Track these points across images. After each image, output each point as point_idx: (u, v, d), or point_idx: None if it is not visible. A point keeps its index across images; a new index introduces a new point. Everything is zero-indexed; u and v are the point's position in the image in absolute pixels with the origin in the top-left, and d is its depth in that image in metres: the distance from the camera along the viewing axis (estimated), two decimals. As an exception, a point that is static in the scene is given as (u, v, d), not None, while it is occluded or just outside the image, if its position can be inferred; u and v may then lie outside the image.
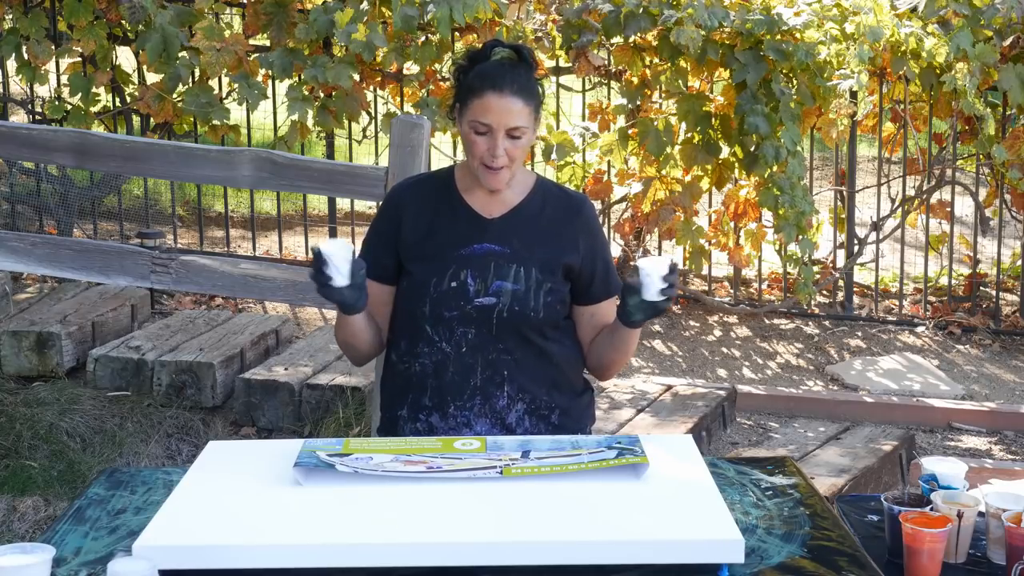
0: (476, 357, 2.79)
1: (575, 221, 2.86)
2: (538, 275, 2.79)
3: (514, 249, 2.80)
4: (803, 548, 2.32)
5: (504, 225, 2.83)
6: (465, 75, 2.80)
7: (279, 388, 5.02)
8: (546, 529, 2.25)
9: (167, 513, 2.32)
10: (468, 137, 2.76)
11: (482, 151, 2.74)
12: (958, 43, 5.81)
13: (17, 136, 4.89)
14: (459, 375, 2.80)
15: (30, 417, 4.85)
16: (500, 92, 2.72)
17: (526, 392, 2.82)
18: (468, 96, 2.75)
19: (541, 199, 2.86)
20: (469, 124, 2.75)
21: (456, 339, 2.79)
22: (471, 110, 2.74)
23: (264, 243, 7.42)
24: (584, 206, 2.89)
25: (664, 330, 6.45)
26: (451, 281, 2.78)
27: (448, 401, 2.81)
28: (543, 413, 2.84)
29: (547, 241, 2.83)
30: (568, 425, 2.88)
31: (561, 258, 2.82)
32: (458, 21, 5.65)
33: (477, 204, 2.84)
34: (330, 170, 4.63)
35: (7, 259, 4.79)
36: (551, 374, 2.85)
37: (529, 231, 2.83)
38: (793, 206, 5.80)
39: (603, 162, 6.47)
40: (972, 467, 3.52)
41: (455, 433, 2.81)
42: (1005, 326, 6.60)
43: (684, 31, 5.69)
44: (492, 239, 2.81)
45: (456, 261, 2.79)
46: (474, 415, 2.81)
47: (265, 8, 6.00)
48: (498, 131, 2.72)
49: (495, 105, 2.72)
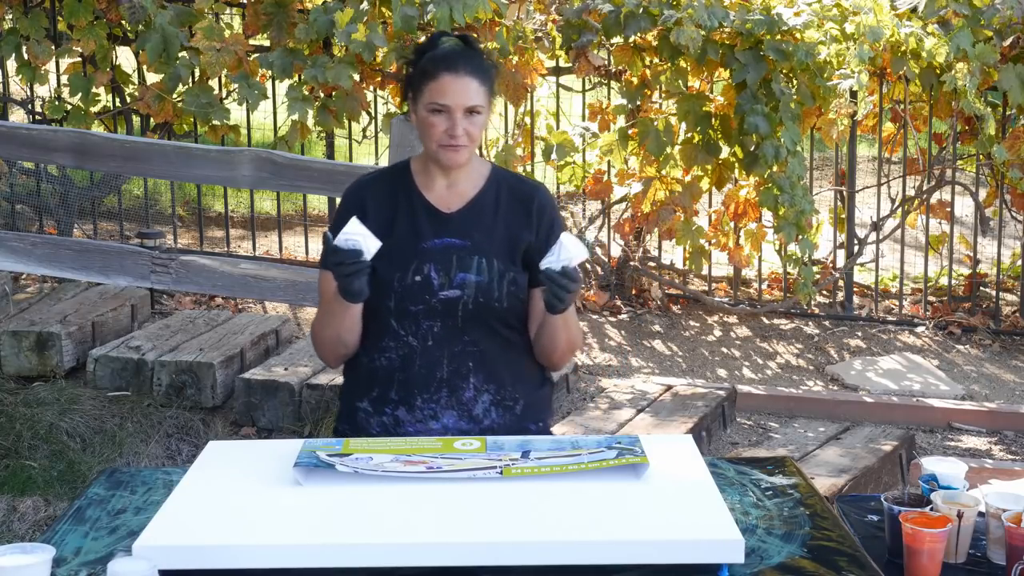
0: (442, 350, 2.82)
1: (531, 206, 2.90)
2: (500, 265, 2.83)
3: (475, 241, 2.84)
4: (803, 548, 2.32)
5: (463, 219, 2.86)
6: (415, 66, 2.85)
7: (279, 388, 5.02)
8: (546, 529, 2.25)
9: (167, 513, 2.32)
10: (426, 120, 2.79)
11: (440, 131, 2.78)
12: (958, 43, 5.81)
13: (17, 136, 4.89)
14: (425, 368, 2.82)
15: (30, 417, 4.85)
16: (456, 72, 2.77)
17: (491, 383, 2.85)
18: (423, 81, 2.79)
19: (496, 189, 2.90)
20: (426, 107, 2.78)
21: (422, 332, 2.81)
22: (427, 93, 2.78)
23: (264, 243, 7.42)
24: (539, 191, 2.94)
25: (664, 330, 6.46)
26: (415, 275, 2.80)
27: (415, 394, 2.83)
28: (508, 404, 2.87)
29: (505, 230, 2.86)
30: (530, 416, 2.91)
31: (519, 244, 2.86)
32: (458, 21, 5.65)
33: (435, 198, 2.88)
34: (330, 170, 4.64)
35: (7, 259, 4.80)
36: (515, 365, 2.89)
37: (488, 222, 2.86)
38: (793, 205, 5.80)
39: (603, 162, 6.47)
40: (972, 467, 3.52)
41: (421, 426, 2.83)
42: (1005, 326, 6.60)
43: (684, 31, 5.69)
44: (452, 233, 2.84)
45: (418, 255, 2.82)
46: (441, 407, 2.83)
47: (265, 8, 6.00)
48: (456, 110, 2.77)
49: (452, 85, 2.77)
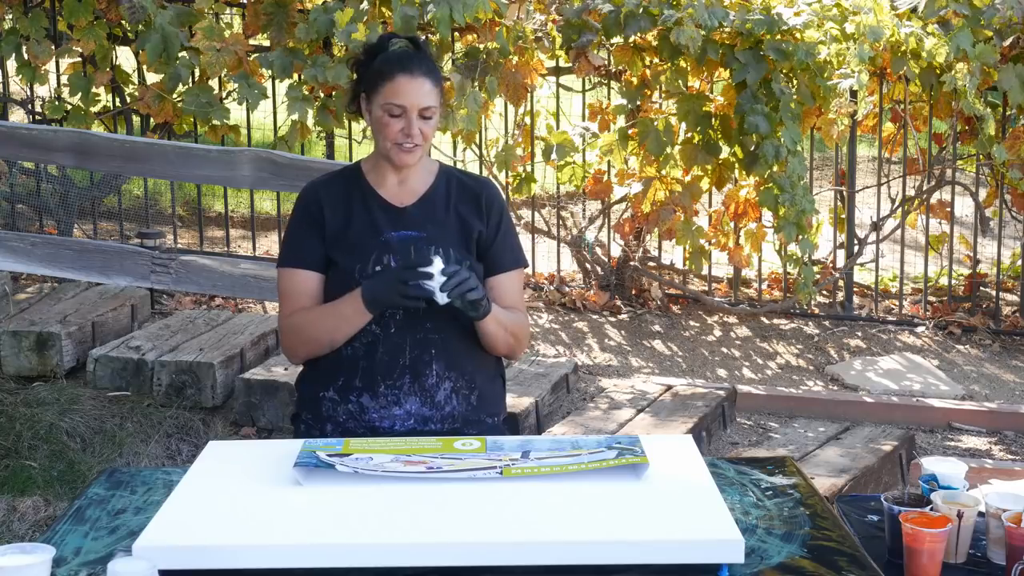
0: (404, 337, 2.87)
1: (480, 199, 2.99)
2: (456, 254, 2.90)
3: (430, 233, 2.92)
4: (803, 548, 2.32)
5: (416, 213, 2.95)
6: (366, 67, 2.93)
7: (279, 388, 5.01)
8: (546, 529, 2.25)
9: (167, 513, 2.32)
10: (381, 120, 2.87)
11: (395, 132, 2.86)
12: (958, 43, 5.81)
13: (17, 136, 4.89)
14: (388, 355, 2.87)
15: (30, 417, 4.85)
16: (411, 74, 2.85)
17: (453, 370, 2.90)
18: (378, 81, 2.88)
19: (446, 183, 2.99)
20: (382, 108, 2.86)
21: (385, 320, 2.87)
22: (383, 94, 2.86)
23: (264, 243, 7.42)
24: (488, 186, 3.04)
25: (664, 330, 6.45)
26: (375, 265, 2.88)
27: (378, 380, 2.87)
28: (465, 392, 2.93)
29: (458, 222, 2.95)
30: (485, 408, 2.97)
31: (472, 234, 2.94)
32: (458, 21, 5.65)
33: (388, 195, 2.96)
34: (330, 170, 4.63)
35: (7, 259, 4.79)
36: (474, 352, 2.94)
37: (440, 215, 2.95)
38: (793, 205, 5.80)
39: (603, 162, 6.47)
40: (972, 467, 3.52)
41: (385, 411, 2.88)
42: (1005, 326, 6.60)
43: (684, 31, 5.69)
44: (408, 226, 2.92)
45: (378, 248, 2.90)
46: (404, 393, 2.88)
47: (265, 8, 6.00)
48: (412, 111, 2.85)
49: (407, 87, 2.85)
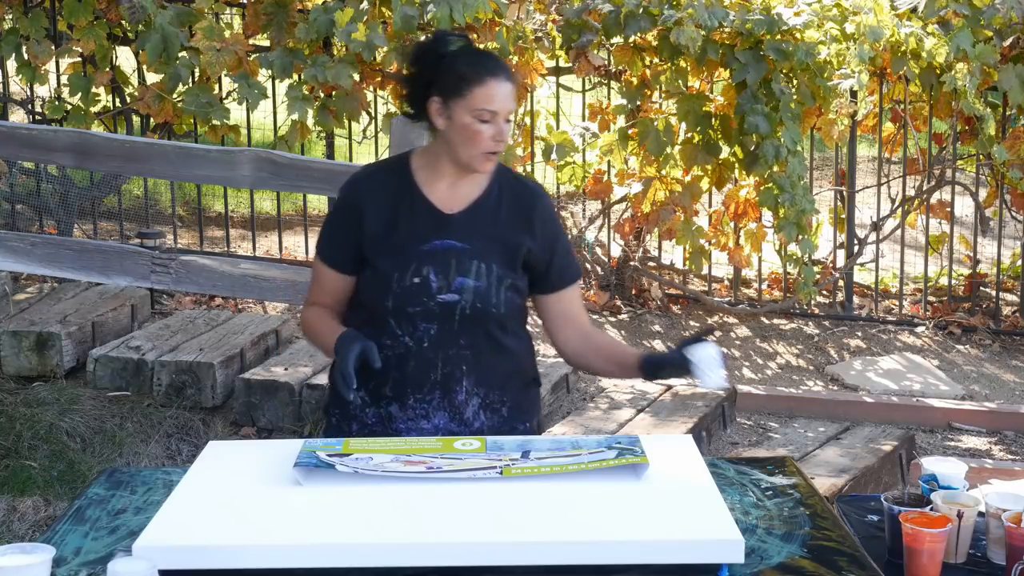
0: (437, 352, 2.81)
1: (532, 213, 2.87)
2: (499, 270, 2.81)
3: (475, 245, 2.81)
4: (803, 548, 2.32)
5: (464, 221, 2.83)
6: (435, 68, 2.77)
7: (279, 388, 5.01)
8: (546, 529, 2.25)
9: (167, 513, 2.32)
10: (471, 127, 2.74)
11: (487, 139, 2.75)
12: (958, 43, 5.81)
13: (17, 136, 4.89)
14: (420, 369, 2.81)
15: (30, 417, 4.85)
16: (498, 78, 2.75)
17: (482, 386, 2.85)
18: (462, 86, 2.73)
19: (498, 192, 2.87)
20: (473, 114, 2.73)
21: (418, 334, 2.80)
22: (471, 99, 2.73)
23: (264, 243, 7.42)
24: (540, 197, 2.92)
25: (664, 330, 6.45)
26: (413, 277, 2.78)
27: (408, 393, 2.83)
28: (496, 407, 2.88)
29: (506, 236, 2.84)
30: (517, 417, 2.91)
31: (520, 250, 2.84)
32: (458, 21, 5.65)
33: (436, 198, 2.84)
34: (330, 170, 4.63)
35: (7, 259, 4.79)
36: (506, 368, 2.88)
37: (488, 227, 2.83)
38: (793, 205, 5.80)
39: (603, 162, 6.47)
40: (972, 467, 3.52)
41: (412, 423, 2.83)
42: (1005, 326, 6.60)
43: (684, 31, 5.69)
44: (453, 235, 2.81)
45: (418, 257, 2.80)
46: (433, 408, 2.83)
47: (265, 8, 6.00)
48: (501, 117, 2.75)
49: (498, 91, 2.74)
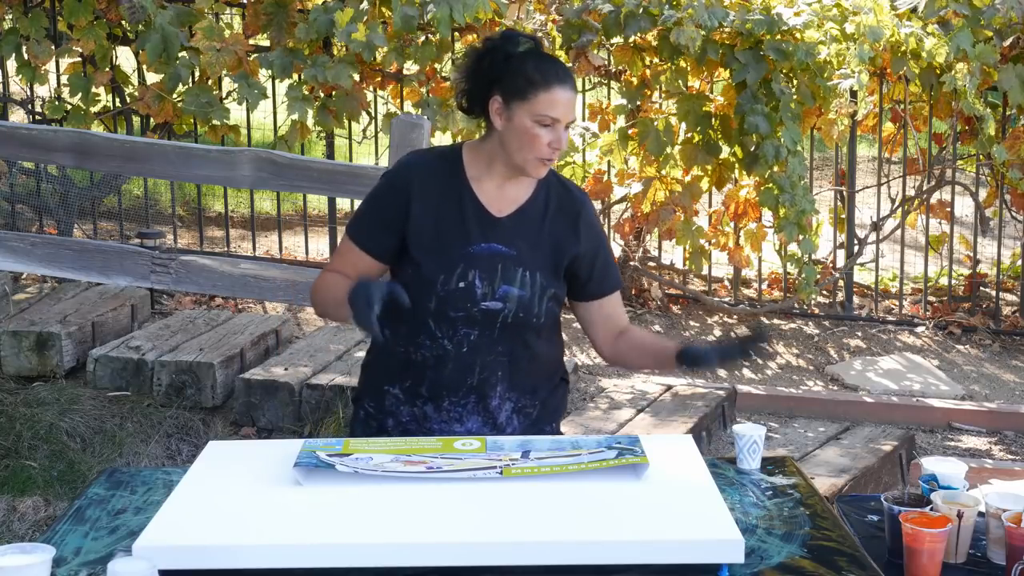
0: (475, 358, 2.80)
1: (579, 219, 2.87)
2: (542, 280, 2.80)
3: (520, 252, 2.80)
4: (803, 548, 2.32)
5: (511, 225, 2.81)
6: (502, 68, 2.74)
7: (279, 388, 5.01)
8: (546, 529, 2.25)
9: (167, 513, 2.32)
10: (531, 131, 2.72)
11: (544, 145, 2.73)
12: (958, 43, 5.81)
13: (17, 136, 4.89)
14: (457, 372, 2.80)
15: (30, 417, 4.84)
16: (564, 85, 2.74)
17: (515, 391, 2.85)
18: (528, 89, 2.72)
19: (545, 194, 2.85)
20: (535, 117, 2.72)
21: (458, 338, 2.79)
22: (535, 103, 2.71)
23: (264, 243, 7.42)
24: (586, 203, 2.91)
25: (664, 330, 6.45)
26: (459, 281, 2.76)
27: (443, 395, 2.82)
28: (528, 411, 2.88)
29: (551, 243, 2.83)
30: (545, 419, 2.92)
31: (564, 257, 2.84)
32: (458, 21, 5.65)
33: (485, 198, 2.82)
34: (330, 170, 4.63)
35: (7, 259, 4.79)
36: (538, 373, 2.89)
37: (534, 233, 2.82)
38: (793, 205, 5.80)
39: (603, 162, 6.47)
40: (972, 467, 3.52)
41: (446, 426, 2.83)
42: (1005, 326, 6.60)
43: (684, 31, 5.69)
44: (499, 239, 2.80)
45: (464, 259, 2.77)
46: (468, 412, 2.83)
47: (265, 8, 6.00)
48: (562, 124, 2.74)
49: (563, 99, 2.73)
